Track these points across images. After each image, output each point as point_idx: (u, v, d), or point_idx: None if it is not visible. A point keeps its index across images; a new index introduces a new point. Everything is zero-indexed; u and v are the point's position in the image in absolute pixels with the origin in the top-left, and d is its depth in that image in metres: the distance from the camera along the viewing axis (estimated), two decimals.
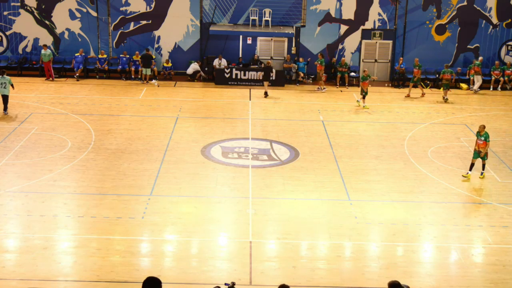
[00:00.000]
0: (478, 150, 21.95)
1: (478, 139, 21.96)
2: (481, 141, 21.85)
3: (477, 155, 21.99)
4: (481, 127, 21.95)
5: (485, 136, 21.77)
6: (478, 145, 21.95)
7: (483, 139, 21.80)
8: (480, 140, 21.87)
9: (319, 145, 25.41)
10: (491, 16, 35.72)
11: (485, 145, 21.77)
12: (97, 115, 28.35)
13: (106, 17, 35.52)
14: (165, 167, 22.60)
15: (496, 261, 16.93)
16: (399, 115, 29.80)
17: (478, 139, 22.00)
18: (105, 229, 17.99)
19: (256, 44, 36.05)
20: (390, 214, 19.55)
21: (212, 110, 30.01)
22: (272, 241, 17.80)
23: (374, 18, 35.71)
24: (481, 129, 21.93)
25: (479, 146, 21.90)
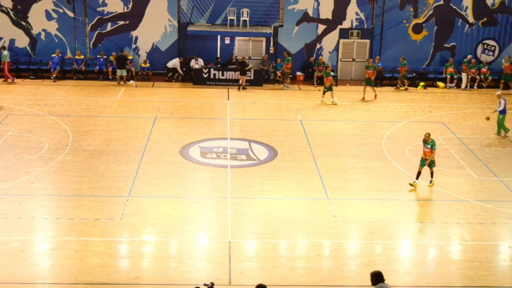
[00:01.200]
0: (424, 158, 21.26)
1: (425, 147, 21.25)
2: (427, 149, 21.15)
3: (423, 163, 21.30)
4: (427, 135, 21.31)
5: (432, 143, 21.11)
6: (424, 153, 21.25)
7: (429, 146, 21.12)
8: (427, 148, 21.17)
9: (297, 144, 25.45)
10: (467, 15, 36.01)
11: (432, 153, 21.09)
12: (75, 116, 28.18)
13: (83, 18, 35.30)
14: (143, 168, 22.51)
15: (474, 258, 17.06)
16: (376, 113, 29.94)
17: (424, 147, 21.29)
18: (83, 231, 17.88)
19: (234, 44, 36.04)
20: (368, 212, 19.63)
21: (190, 110, 29.94)
22: (251, 241, 17.80)
23: (352, 17, 35.84)
24: (426, 137, 21.27)
25: (425, 154, 21.21)
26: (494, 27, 36.15)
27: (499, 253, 17.58)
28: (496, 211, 19.94)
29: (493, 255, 17.42)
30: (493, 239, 18.27)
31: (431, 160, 21.19)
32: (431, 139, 21.23)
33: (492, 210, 19.96)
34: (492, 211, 19.89)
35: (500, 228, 18.97)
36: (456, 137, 26.62)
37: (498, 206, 20.26)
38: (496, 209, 20.02)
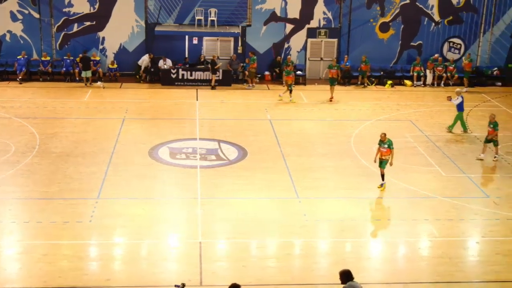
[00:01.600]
0: (381, 158, 21.07)
1: (381, 147, 21.00)
2: (384, 149, 20.96)
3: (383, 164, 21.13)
4: (383, 135, 21.02)
5: (389, 143, 20.92)
6: (381, 153, 21.02)
7: (386, 146, 20.91)
8: (384, 148, 20.96)
9: (267, 144, 25.48)
10: (433, 14, 36.39)
11: (389, 153, 20.94)
12: (42, 118, 27.87)
13: (49, 19, 34.91)
14: (112, 170, 22.35)
15: (442, 254, 17.25)
16: (345, 112, 30.10)
17: (381, 147, 21.03)
18: (51, 234, 17.69)
19: (202, 44, 35.94)
20: (338, 210, 19.73)
21: (159, 111, 29.81)
22: (222, 241, 17.79)
23: (319, 16, 35.98)
24: (382, 137, 20.99)
25: (382, 154, 20.99)
26: (460, 25, 36.57)
27: (467, 249, 17.82)
28: (464, 207, 20.19)
29: (461, 251, 17.64)
30: (461, 235, 18.51)
31: (385, 160, 20.99)
32: (388, 138, 21.02)
33: (460, 207, 20.20)
34: (460, 208, 20.14)
35: (468, 224, 19.22)
36: (424, 135, 26.89)
37: (466, 202, 20.52)
38: (464, 205, 20.27)
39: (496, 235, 18.43)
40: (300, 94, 32.97)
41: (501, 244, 17.85)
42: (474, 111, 30.67)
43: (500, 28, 36.66)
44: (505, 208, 20.11)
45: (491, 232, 18.58)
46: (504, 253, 17.39)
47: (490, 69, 36.52)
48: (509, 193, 21.34)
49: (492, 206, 20.24)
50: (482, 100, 32.96)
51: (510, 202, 20.64)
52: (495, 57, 37.02)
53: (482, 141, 24.60)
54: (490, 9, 36.33)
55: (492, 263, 16.88)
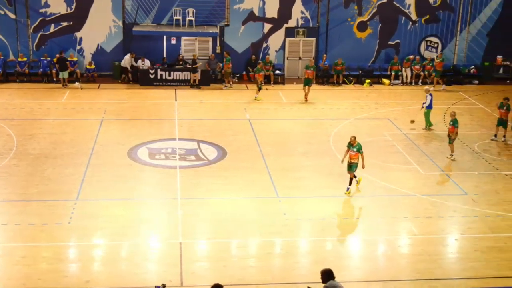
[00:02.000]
0: (350, 161, 20.71)
1: (351, 150, 20.66)
2: (353, 152, 20.57)
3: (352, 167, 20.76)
4: (352, 139, 20.63)
5: (358, 147, 20.53)
6: (350, 157, 20.63)
7: (355, 150, 20.52)
8: (352, 152, 20.57)
9: (246, 143, 25.48)
10: (410, 13, 36.59)
11: (358, 156, 20.59)
12: (19, 119, 27.63)
13: (25, 19, 34.60)
14: (91, 171, 22.22)
15: (422, 251, 17.37)
16: (324, 111, 30.17)
17: (350, 150, 20.67)
18: (30, 236, 17.56)
19: (181, 44, 35.84)
20: (319, 209, 19.78)
21: (138, 111, 29.67)
22: (202, 241, 17.77)
23: (297, 16, 36.03)
24: (352, 140, 20.63)
25: (351, 157, 20.61)
26: (437, 24, 36.81)
27: (446, 246, 17.95)
28: (443, 204, 20.34)
29: (440, 248, 17.77)
30: (440, 232, 18.64)
31: (354, 164, 20.60)
32: (357, 142, 20.64)
33: (439, 204, 20.35)
34: (438, 205, 20.28)
35: (446, 221, 19.36)
36: (402, 133, 27.03)
37: (444, 199, 20.67)
38: (443, 203, 20.43)
39: (474, 232, 18.58)
40: (279, 94, 33.01)
41: (479, 241, 18.01)
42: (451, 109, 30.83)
43: (476, 27, 36.95)
44: (483, 205, 20.28)
45: (469, 229, 18.73)
46: (482, 249, 17.54)
47: (467, 67, 36.82)
48: (486, 190, 21.54)
49: (471, 203, 20.41)
50: (460, 98, 33.22)
51: (488, 199, 20.82)
52: (472, 55, 37.32)
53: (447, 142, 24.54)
54: (466, 8, 36.61)
55: (471, 260, 17.02)
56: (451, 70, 36.68)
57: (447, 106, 31.10)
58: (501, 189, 21.69)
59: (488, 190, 21.56)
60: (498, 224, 19.09)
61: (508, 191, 21.49)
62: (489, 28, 36.98)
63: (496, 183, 22.17)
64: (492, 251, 17.50)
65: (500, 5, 36.63)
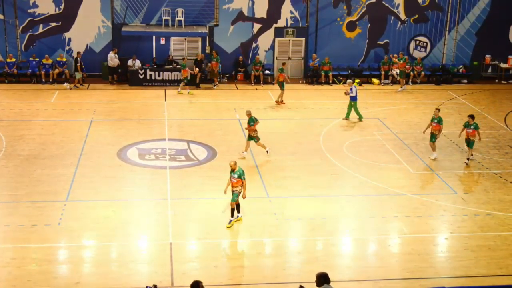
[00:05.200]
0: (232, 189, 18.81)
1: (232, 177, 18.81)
2: (234, 179, 18.72)
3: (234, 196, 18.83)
4: (232, 163, 18.74)
5: (239, 173, 18.62)
6: (232, 184, 18.84)
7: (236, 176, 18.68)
8: (234, 178, 18.72)
9: (236, 143, 25.45)
10: (399, 12, 36.69)
11: (240, 183, 18.68)
12: (7, 120, 27.50)
13: (13, 20, 34.45)
14: (80, 172, 22.14)
15: (412, 250, 17.42)
16: (313, 111, 30.19)
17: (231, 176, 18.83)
18: (20, 237, 17.48)
19: (170, 44, 35.79)
20: (309, 209, 19.80)
21: (127, 112, 29.59)
22: (193, 242, 17.75)
23: (286, 16, 36.05)
24: (232, 165, 18.71)
25: (233, 184, 18.81)
26: (426, 24, 36.93)
27: (436, 245, 18.00)
28: (433, 204, 20.40)
29: (431, 247, 17.82)
30: (431, 231, 18.70)
31: (236, 192, 18.74)
32: (238, 167, 18.78)
33: (429, 203, 20.41)
34: (428, 204, 20.34)
35: (436, 220, 19.41)
36: (392, 133, 27.10)
37: (434, 199, 20.74)
38: (432, 202, 20.49)
39: (464, 231, 18.65)
40: (269, 93, 33.01)
41: (469, 240, 18.07)
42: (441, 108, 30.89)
43: (465, 26, 37.09)
44: (473, 204, 20.36)
45: (459, 228, 18.80)
46: (472, 248, 17.61)
47: (456, 66, 36.98)
48: (476, 189, 21.63)
49: (460, 202, 20.48)
50: (449, 97, 33.33)
51: (477, 198, 20.90)
52: (460, 54, 37.47)
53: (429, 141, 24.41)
54: (455, 8, 36.75)
55: (461, 259, 17.08)
56: (440, 69, 36.82)
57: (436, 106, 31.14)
58: (490, 187, 21.78)
59: (478, 189, 21.66)
60: (488, 222, 19.16)
61: (497, 190, 21.57)
62: (478, 27, 37.15)
63: (485, 182, 22.26)
64: (482, 249, 17.57)
65: (488, 4, 36.79)
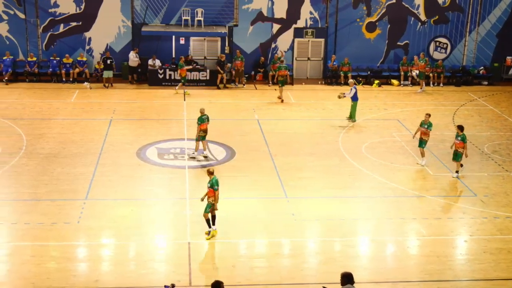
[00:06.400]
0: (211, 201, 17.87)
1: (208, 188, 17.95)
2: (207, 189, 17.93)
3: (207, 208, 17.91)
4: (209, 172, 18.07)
5: (212, 182, 17.83)
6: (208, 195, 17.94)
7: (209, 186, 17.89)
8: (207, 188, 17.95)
9: (255, 143, 25.48)
10: (419, 13, 36.50)
11: (213, 194, 17.83)
12: (28, 119, 27.72)
13: (35, 19, 34.72)
14: (100, 171, 22.27)
15: (430, 253, 17.33)
16: (333, 112, 30.12)
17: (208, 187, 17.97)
18: (39, 235, 17.61)
19: (189, 44, 35.88)
20: (326, 210, 19.77)
21: (147, 111, 29.72)
22: (211, 241, 17.74)
23: (306, 16, 36.00)
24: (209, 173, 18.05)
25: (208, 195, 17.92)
26: (446, 25, 36.71)
27: (455, 247, 17.89)
28: (452, 206, 20.29)
29: (449, 249, 17.72)
30: (450, 234, 18.58)
31: (209, 203, 17.88)
32: (214, 176, 17.95)
33: (448, 205, 20.31)
34: (447, 206, 20.24)
35: (456, 222, 19.29)
36: (411, 134, 26.91)
37: (453, 201, 20.64)
38: (452, 204, 20.39)
39: (483, 233, 18.52)
40: (288, 94, 32.97)
41: (488, 243, 17.95)
42: (461, 110, 30.84)
43: (486, 27, 36.82)
44: (493, 207, 20.22)
45: (478, 231, 18.67)
46: (491, 251, 17.49)
47: (476, 68, 36.72)
48: (496, 192, 21.46)
49: (480, 205, 20.35)
50: (469, 99, 33.11)
51: (497, 200, 20.75)
52: (481, 56, 37.19)
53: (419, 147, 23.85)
54: (476, 9, 36.48)
55: (480, 262, 16.97)
56: (460, 71, 36.59)
57: (456, 107, 31.04)
58: (511, 190, 21.61)
59: (498, 192, 21.48)
60: (507, 225, 19.02)
61: None
62: (499, 28, 36.85)
63: (506, 185, 22.09)
64: (501, 253, 17.44)
65: (509, 5, 36.48)
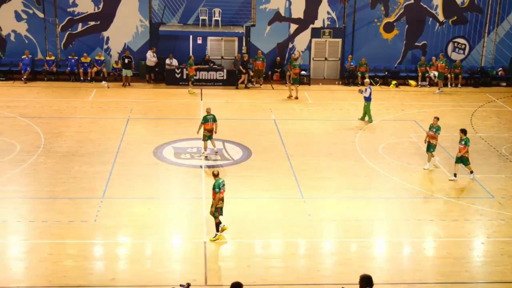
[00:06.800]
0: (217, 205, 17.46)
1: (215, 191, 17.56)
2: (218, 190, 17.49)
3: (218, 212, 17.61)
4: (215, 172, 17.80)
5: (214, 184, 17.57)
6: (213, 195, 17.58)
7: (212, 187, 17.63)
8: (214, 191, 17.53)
9: (271, 144, 25.47)
10: (438, 14, 36.32)
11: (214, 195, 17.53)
12: (46, 118, 27.90)
13: (53, 18, 34.95)
14: (117, 169, 22.37)
15: (447, 254, 17.24)
16: (349, 112, 30.04)
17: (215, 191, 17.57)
18: (56, 233, 17.72)
19: (207, 44, 35.95)
20: (343, 210, 19.72)
21: (164, 110, 29.81)
22: (227, 241, 17.77)
23: (323, 16, 35.95)
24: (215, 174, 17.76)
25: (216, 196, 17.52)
26: (464, 26, 36.50)
27: (472, 249, 17.78)
28: (469, 207, 20.16)
29: (466, 251, 17.62)
30: (467, 236, 18.48)
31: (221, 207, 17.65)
32: (218, 178, 17.71)
33: (465, 207, 20.18)
34: (465, 208, 20.11)
35: (473, 224, 19.17)
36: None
37: (471, 202, 20.50)
38: (469, 206, 20.25)
39: (501, 235, 18.39)
40: (305, 94, 32.95)
41: (506, 245, 17.82)
42: (479, 111, 30.66)
43: (504, 28, 36.57)
44: (510, 209, 20.07)
45: (495, 233, 18.55)
46: (509, 253, 17.36)
47: (495, 69, 36.49)
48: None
49: (497, 207, 20.21)
50: (487, 100, 32.90)
51: None
52: (499, 57, 36.93)
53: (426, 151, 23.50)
54: (494, 9, 36.24)
55: (497, 264, 16.85)
56: (478, 72, 36.37)
57: (474, 108, 30.86)
58: None
59: None
60: None
61: None
62: None
63: None
64: None
65: None
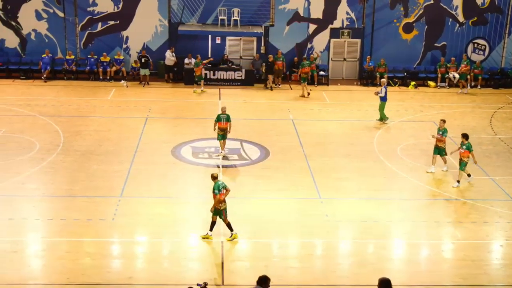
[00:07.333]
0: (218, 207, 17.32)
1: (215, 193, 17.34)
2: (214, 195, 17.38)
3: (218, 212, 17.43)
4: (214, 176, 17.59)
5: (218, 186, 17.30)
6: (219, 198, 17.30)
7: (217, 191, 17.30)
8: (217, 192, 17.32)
9: (289, 144, 25.46)
10: (457, 14, 36.10)
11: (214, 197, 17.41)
12: (66, 116, 28.08)
13: (73, 18, 35.17)
14: (135, 168, 22.46)
15: (465, 256, 17.13)
16: (368, 113, 29.94)
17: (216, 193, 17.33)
18: (75, 231, 17.83)
19: (225, 44, 36.00)
20: (360, 211, 19.67)
21: (182, 110, 29.90)
22: (244, 241, 17.78)
23: (342, 17, 35.86)
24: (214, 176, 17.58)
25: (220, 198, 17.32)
26: (484, 26, 36.25)
27: (491, 252, 17.66)
28: (488, 209, 20.02)
29: (485, 254, 17.50)
30: (485, 238, 18.34)
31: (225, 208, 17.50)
32: (217, 181, 17.43)
33: (484, 209, 20.04)
34: (483, 210, 19.98)
35: (491, 226, 19.04)
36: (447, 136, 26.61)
37: (489, 205, 20.35)
38: (488, 208, 20.11)
39: None
40: (323, 94, 32.90)
41: None
42: (498, 112, 30.44)
43: None
44: None
45: None
46: None
47: None
48: None
49: None
50: (507, 101, 32.65)
51: None
52: None
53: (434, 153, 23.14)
54: None
55: None
56: (498, 73, 36.11)
57: (493, 110, 30.65)
58: None
59: None
60: None
61: None
62: None
63: None
64: None
65: None
